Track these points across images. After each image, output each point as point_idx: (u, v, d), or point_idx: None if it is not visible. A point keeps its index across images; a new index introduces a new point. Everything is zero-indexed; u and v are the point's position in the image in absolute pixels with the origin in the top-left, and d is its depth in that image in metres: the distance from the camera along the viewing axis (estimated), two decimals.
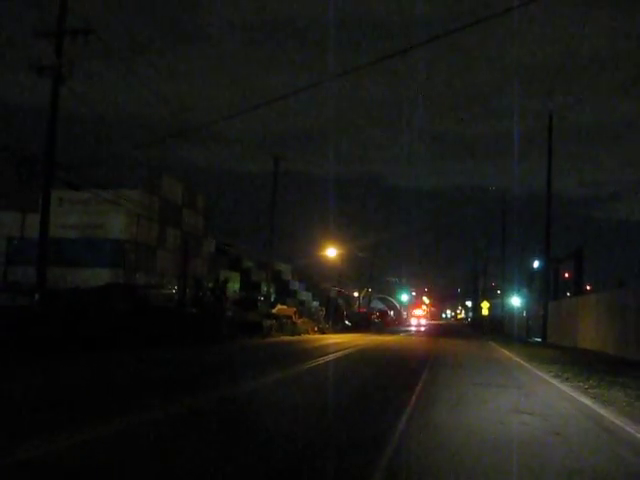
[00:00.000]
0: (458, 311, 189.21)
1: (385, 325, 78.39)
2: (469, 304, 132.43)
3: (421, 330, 69.59)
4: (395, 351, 27.59)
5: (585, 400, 11.59)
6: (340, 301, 69.61)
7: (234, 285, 51.14)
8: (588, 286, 52.92)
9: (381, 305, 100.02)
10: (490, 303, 77.91)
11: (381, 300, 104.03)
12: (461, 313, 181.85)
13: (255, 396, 11.15)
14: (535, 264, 58.27)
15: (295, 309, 48.70)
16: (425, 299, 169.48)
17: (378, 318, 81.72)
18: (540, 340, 37.04)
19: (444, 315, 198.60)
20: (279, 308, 45.34)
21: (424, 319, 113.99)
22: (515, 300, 60.49)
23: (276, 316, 41.74)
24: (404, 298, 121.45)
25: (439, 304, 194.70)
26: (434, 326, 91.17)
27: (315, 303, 69.88)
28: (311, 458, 6.58)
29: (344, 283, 72.87)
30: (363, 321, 68.20)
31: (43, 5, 21.93)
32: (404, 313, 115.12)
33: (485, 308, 78.20)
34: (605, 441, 8.23)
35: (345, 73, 19.39)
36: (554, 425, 8.94)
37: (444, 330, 68.67)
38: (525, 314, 54.14)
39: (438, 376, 15.77)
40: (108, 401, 9.99)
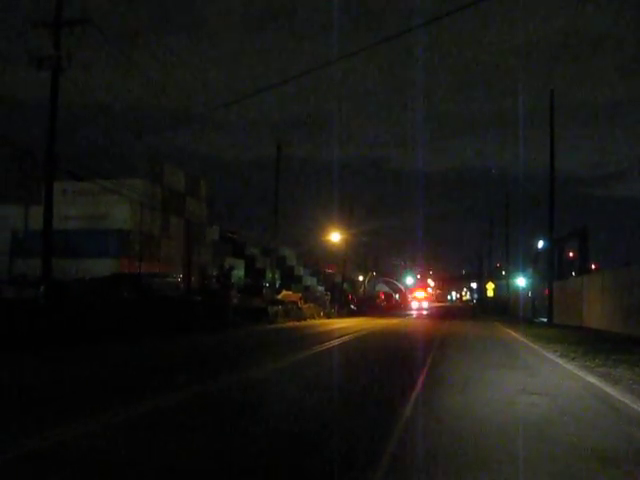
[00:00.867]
0: (463, 293, 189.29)
1: (390, 308, 78.47)
2: (474, 286, 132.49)
3: (423, 314, 65.27)
4: (401, 334, 27.64)
5: (592, 379, 11.62)
6: (345, 285, 69.66)
7: (239, 272, 51.26)
8: (593, 265, 52.81)
9: (386, 288, 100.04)
10: (495, 284, 77.90)
11: (386, 283, 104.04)
12: (466, 295, 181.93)
13: (279, 377, 11.20)
14: (539, 244, 58.16)
15: (300, 295, 48.78)
16: (430, 281, 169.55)
17: (383, 302, 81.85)
18: (546, 320, 37.03)
19: (449, 297, 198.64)
20: (284, 294, 45.39)
21: (426, 301, 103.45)
22: (520, 281, 60.48)
23: (281, 302, 41.80)
24: (409, 281, 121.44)
25: (444, 286, 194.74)
26: (439, 308, 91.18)
27: (320, 288, 69.95)
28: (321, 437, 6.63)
29: (349, 267, 72.88)
30: (368, 305, 68.31)
31: None
32: (409, 296, 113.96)
33: (490, 289, 78.21)
34: (613, 419, 8.26)
35: (345, 56, 19.32)
36: (562, 405, 8.96)
37: (449, 312, 68.65)
38: (530, 294, 54.14)
39: (444, 358, 15.81)
40: (123, 390, 10.03)
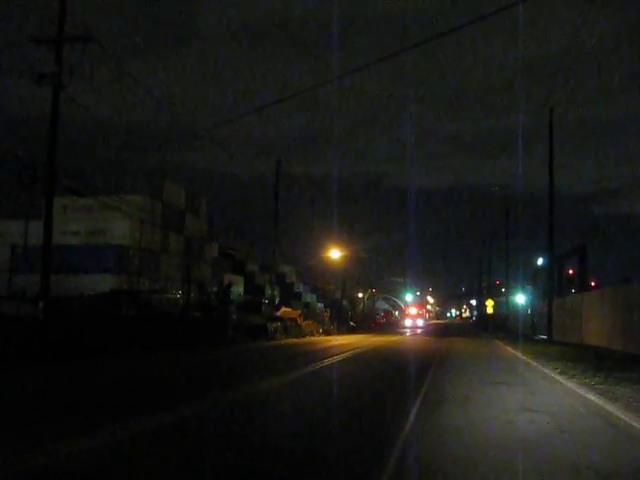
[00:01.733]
0: (463, 310, 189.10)
1: (390, 325, 78.35)
2: (474, 303, 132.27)
3: (417, 332, 61.65)
4: (401, 352, 27.57)
5: (592, 397, 11.58)
6: (345, 302, 69.58)
7: (238, 289, 51.14)
8: (592, 282, 52.80)
9: (386, 306, 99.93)
10: (495, 301, 77.76)
11: (385, 300, 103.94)
12: (465, 312, 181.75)
13: (277, 394, 11.17)
14: (539, 261, 58.20)
15: (300, 311, 48.69)
16: (430, 298, 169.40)
17: (383, 318, 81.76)
18: (545, 337, 36.96)
19: (448, 314, 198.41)
20: (283, 311, 45.31)
21: (421, 318, 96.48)
22: (520, 298, 60.44)
23: (281, 319, 41.72)
24: (408, 298, 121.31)
25: (444, 303, 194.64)
26: (438, 326, 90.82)
27: (320, 305, 69.84)
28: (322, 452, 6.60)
29: (348, 284, 72.81)
30: (368, 322, 68.19)
31: (40, 10, 21.96)
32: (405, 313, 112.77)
33: (490, 306, 78.02)
34: (613, 437, 8.22)
35: (345, 73, 19.42)
36: (561, 422, 8.93)
37: (448, 330, 68.48)
38: (530, 311, 54.07)
39: (444, 375, 15.77)
40: (123, 404, 10.00)
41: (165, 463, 6.39)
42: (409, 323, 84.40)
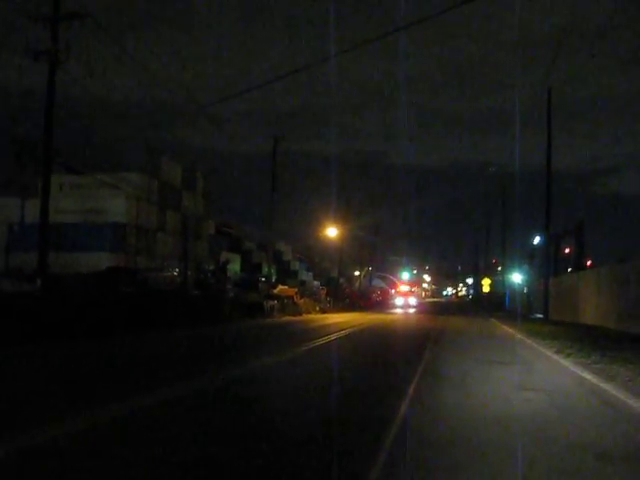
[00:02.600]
0: (459, 288, 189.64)
1: (387, 303, 78.46)
2: (470, 281, 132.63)
3: (412, 311, 57.74)
4: (397, 329, 27.70)
5: (588, 375, 11.64)
6: (341, 280, 69.70)
7: (235, 267, 51.20)
8: (589, 261, 52.94)
9: (382, 284, 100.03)
10: (491, 280, 77.92)
11: (382, 279, 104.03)
12: (461, 290, 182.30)
13: (275, 373, 11.22)
14: (536, 240, 58.27)
15: (296, 289, 48.76)
16: (426, 277, 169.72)
17: (379, 297, 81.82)
18: (541, 316, 37.11)
19: (445, 293, 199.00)
20: (280, 288, 45.37)
21: (414, 297, 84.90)
22: (516, 277, 60.54)
23: (277, 297, 41.78)
24: (405, 277, 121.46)
25: (440, 282, 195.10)
26: (433, 304, 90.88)
27: (316, 283, 69.95)
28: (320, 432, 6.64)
29: (345, 262, 72.86)
30: (364, 300, 68.31)
31: None
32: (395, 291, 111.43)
33: (486, 285, 78.19)
34: (608, 416, 8.28)
35: (342, 52, 19.28)
36: (558, 401, 8.99)
37: (444, 308, 68.61)
38: (526, 290, 54.23)
39: (440, 353, 15.84)
40: (121, 382, 10.04)
41: (166, 437, 6.43)
42: (400, 302, 74.18)
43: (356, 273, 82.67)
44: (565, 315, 33.53)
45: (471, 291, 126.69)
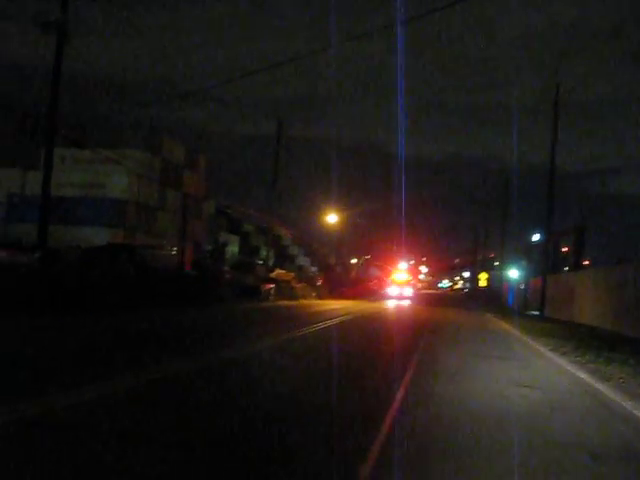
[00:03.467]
0: (455, 281, 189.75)
1: (382, 293, 78.48)
2: (467, 275, 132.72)
3: (408, 302, 55.41)
4: (392, 319, 27.71)
5: (582, 375, 11.66)
6: (338, 267, 69.76)
7: (233, 248, 51.24)
8: (586, 261, 52.94)
9: (379, 273, 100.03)
10: (488, 274, 77.95)
11: (379, 268, 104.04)
12: (457, 284, 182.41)
13: (265, 357, 11.22)
14: (534, 237, 58.25)
15: (293, 274, 48.83)
16: (423, 268, 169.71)
17: (375, 286, 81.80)
18: (537, 313, 37.14)
19: (441, 285, 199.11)
20: (278, 273, 45.40)
21: (409, 287, 77.90)
22: (513, 272, 60.54)
23: (274, 280, 41.79)
24: (402, 267, 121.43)
25: (437, 274, 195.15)
26: (429, 296, 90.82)
27: (314, 269, 70.03)
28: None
29: (342, 250, 72.98)
30: (361, 288, 68.32)
31: None
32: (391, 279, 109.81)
33: (483, 279, 78.27)
34: (602, 416, 8.30)
35: (346, 40, 19.16)
36: (552, 399, 9.01)
37: (440, 300, 68.60)
38: (523, 287, 54.26)
39: (435, 347, 15.84)
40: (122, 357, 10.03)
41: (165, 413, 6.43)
42: (394, 292, 69.04)
43: (353, 261, 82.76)
44: (561, 313, 33.57)
45: (467, 284, 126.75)
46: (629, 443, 6.93)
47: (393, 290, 71.81)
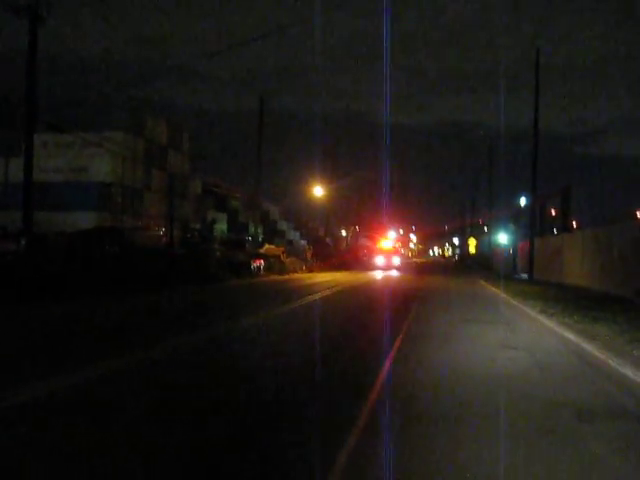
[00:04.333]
0: (445, 248, 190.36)
1: (372, 263, 78.61)
2: (456, 241, 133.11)
3: (397, 271, 55.29)
4: (384, 288, 27.84)
5: (570, 335, 11.78)
6: (328, 240, 69.81)
7: (222, 226, 51.16)
8: (574, 223, 53.18)
9: (369, 243, 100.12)
10: (477, 240, 78.25)
11: (368, 238, 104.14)
12: (448, 251, 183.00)
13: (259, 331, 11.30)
14: (522, 201, 58.41)
15: (283, 249, 48.76)
16: (412, 237, 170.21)
17: (365, 256, 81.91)
18: (526, 277, 37.38)
19: (431, 253, 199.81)
20: (267, 248, 45.34)
21: (397, 256, 74.91)
22: (502, 237, 60.77)
23: (264, 256, 41.75)
24: (391, 235, 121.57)
25: (426, 242, 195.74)
26: (419, 264, 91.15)
27: (303, 242, 70.06)
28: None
29: (332, 222, 72.98)
30: (351, 259, 68.40)
31: None
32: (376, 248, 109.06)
33: (472, 245, 78.61)
34: (589, 375, 8.40)
35: (327, 9, 19.00)
36: (540, 360, 9.12)
37: (430, 268, 68.91)
38: (512, 251, 54.48)
39: (426, 312, 15.97)
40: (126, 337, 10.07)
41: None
42: (381, 261, 66.01)
43: (343, 233, 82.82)
44: (550, 276, 33.79)
45: (457, 251, 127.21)
46: (614, 400, 7.04)
47: (382, 260, 70.92)
